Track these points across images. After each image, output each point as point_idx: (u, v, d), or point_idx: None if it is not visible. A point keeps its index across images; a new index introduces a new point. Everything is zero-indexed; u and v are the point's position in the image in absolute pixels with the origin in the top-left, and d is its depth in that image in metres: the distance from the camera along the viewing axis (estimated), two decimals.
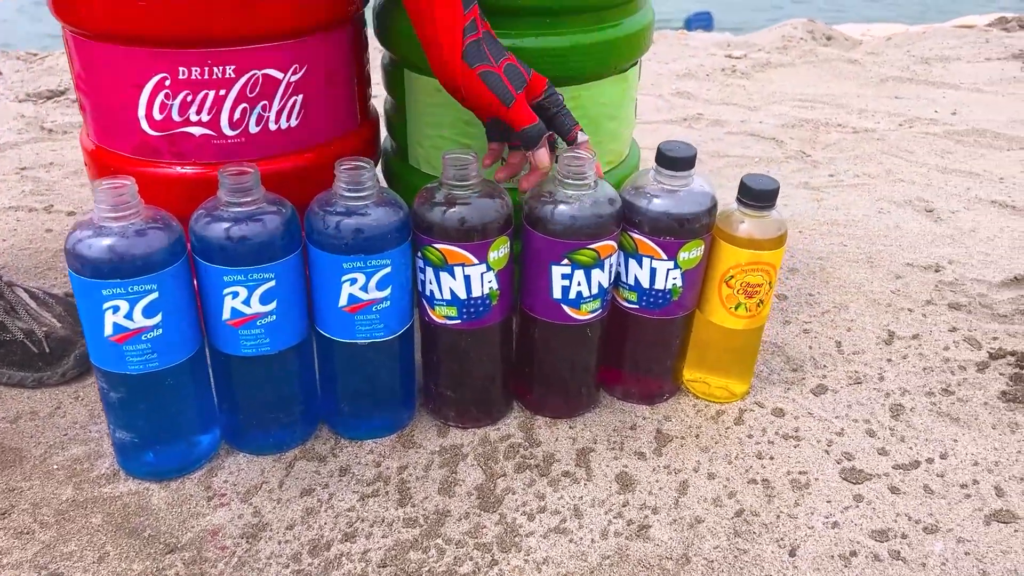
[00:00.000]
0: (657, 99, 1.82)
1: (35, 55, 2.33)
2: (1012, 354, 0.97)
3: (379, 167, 1.03)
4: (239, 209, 0.70)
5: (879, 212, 1.32)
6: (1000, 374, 0.94)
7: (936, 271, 1.15)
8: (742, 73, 1.97)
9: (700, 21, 7.61)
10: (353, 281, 0.73)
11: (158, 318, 0.69)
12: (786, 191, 1.37)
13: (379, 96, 0.99)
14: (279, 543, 0.71)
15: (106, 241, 0.67)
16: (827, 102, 1.80)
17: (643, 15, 0.92)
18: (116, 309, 0.67)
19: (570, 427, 0.85)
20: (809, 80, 1.95)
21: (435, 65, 0.76)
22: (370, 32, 0.94)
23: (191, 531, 0.72)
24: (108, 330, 0.68)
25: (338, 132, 0.90)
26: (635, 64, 0.95)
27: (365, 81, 0.94)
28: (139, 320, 0.68)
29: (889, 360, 0.97)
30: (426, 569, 0.69)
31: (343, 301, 0.74)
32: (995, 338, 1.00)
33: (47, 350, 0.88)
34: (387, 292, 0.75)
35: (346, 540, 0.71)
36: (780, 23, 2.70)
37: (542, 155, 0.76)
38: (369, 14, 0.95)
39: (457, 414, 0.84)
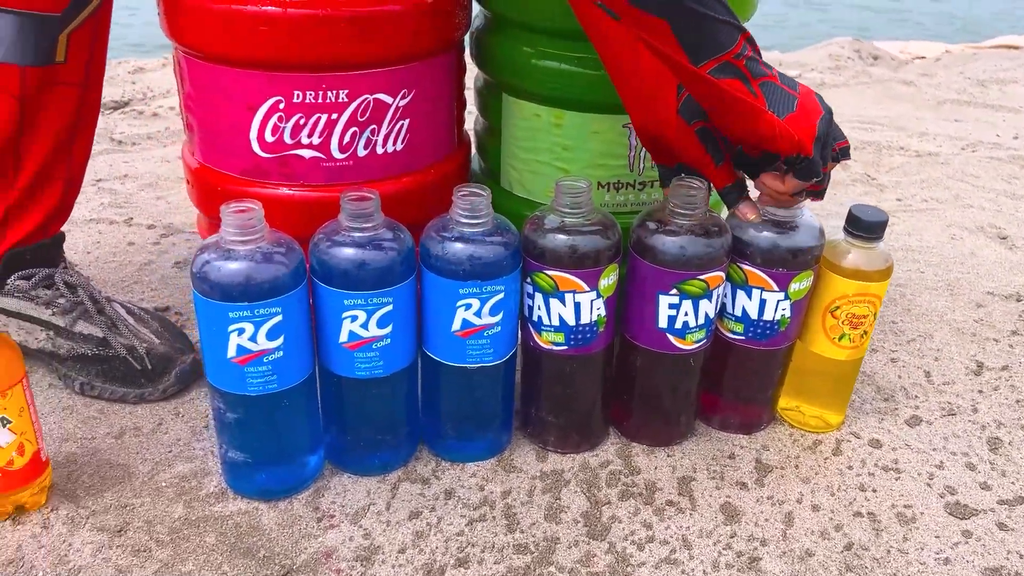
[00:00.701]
0: None
1: None
2: None
3: None
4: (360, 234, 0.71)
5: (952, 239, 1.31)
6: None
7: (1018, 300, 1.14)
8: None
9: None
10: (468, 307, 0.74)
11: (280, 340, 0.69)
12: None
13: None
14: (392, 567, 0.71)
15: (234, 265, 0.67)
16: (886, 124, 1.79)
17: None
18: (241, 331, 0.68)
19: (668, 455, 0.85)
20: (865, 102, 1.94)
21: (639, 115, 0.76)
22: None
23: (305, 552, 0.72)
24: (231, 352, 0.69)
25: (438, 156, 0.91)
26: None
27: (463, 105, 0.95)
28: (262, 343, 0.69)
29: (981, 391, 0.96)
30: None
31: (456, 326, 0.74)
32: None
33: (149, 367, 0.88)
34: (499, 318, 0.75)
35: (459, 565, 0.71)
36: (825, 42, 2.69)
37: (742, 209, 0.77)
38: (466, 38, 0.95)
39: (557, 439, 0.84)
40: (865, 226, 0.78)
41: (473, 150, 1.04)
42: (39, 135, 0.80)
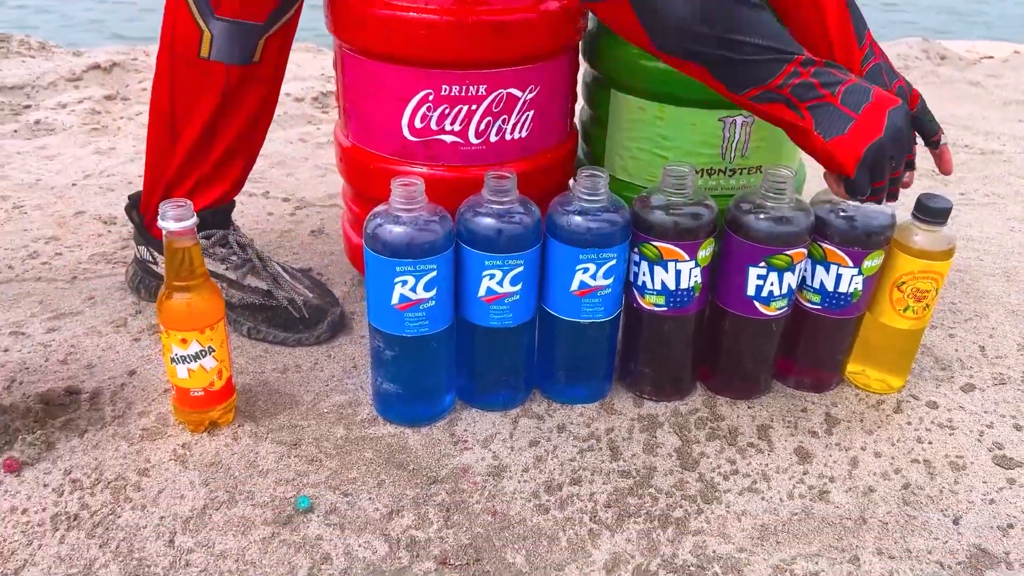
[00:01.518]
0: None
1: None
2: None
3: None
4: (499, 207, 0.84)
5: (1011, 230, 1.39)
6: None
7: None
8: None
9: None
10: (586, 270, 0.86)
11: (433, 292, 0.83)
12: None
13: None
14: (519, 482, 0.84)
15: (400, 228, 0.81)
16: (953, 123, 1.86)
17: None
18: (404, 283, 0.82)
19: (748, 407, 0.97)
20: (933, 101, 2.00)
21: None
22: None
23: (446, 468, 0.86)
24: (395, 300, 0.83)
25: (554, 142, 1.03)
26: None
27: (575, 98, 1.07)
28: (420, 293, 0.83)
29: None
30: (644, 512, 0.81)
31: (574, 286, 0.87)
32: None
33: (305, 315, 1.03)
34: (610, 281, 0.88)
35: (574, 484, 0.84)
36: (894, 40, 2.74)
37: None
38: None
39: (653, 389, 0.96)
40: (931, 211, 0.89)
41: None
42: (232, 122, 0.95)
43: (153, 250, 1.06)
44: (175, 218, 0.79)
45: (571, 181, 0.88)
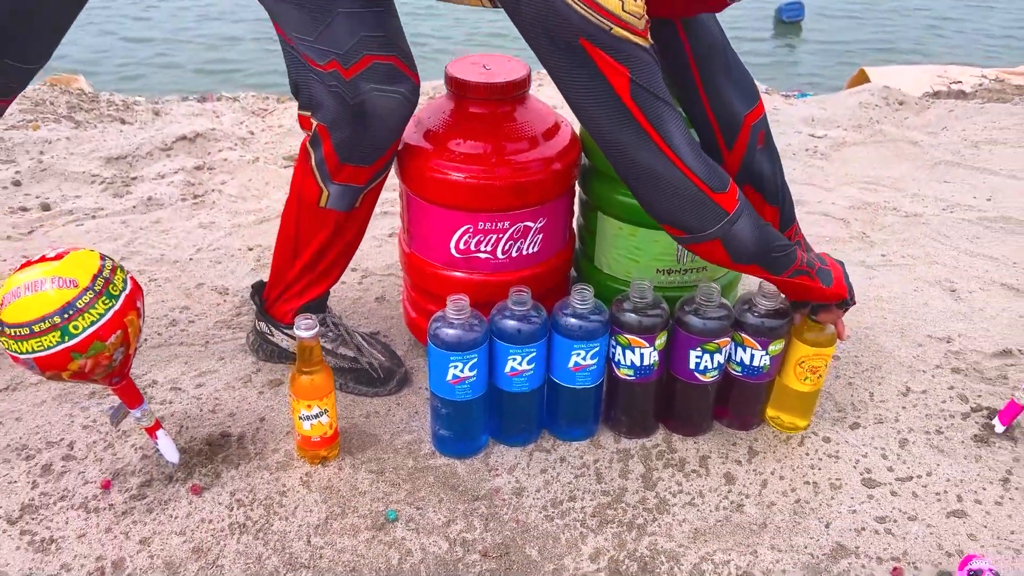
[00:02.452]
0: None
1: (266, 109, 2.91)
2: (988, 408, 1.41)
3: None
4: (520, 312, 1.22)
5: (914, 291, 1.75)
6: (975, 422, 1.39)
7: (947, 342, 1.59)
8: (821, 154, 2.39)
9: (791, 10, 7.77)
10: (579, 354, 1.24)
11: (475, 372, 1.21)
12: (848, 268, 1.82)
13: None
14: (533, 499, 1.23)
15: (453, 331, 1.19)
16: (888, 185, 2.21)
17: None
18: (455, 367, 1.20)
19: (694, 442, 1.34)
20: (875, 161, 2.36)
21: None
22: None
23: (484, 488, 1.24)
24: (448, 377, 1.21)
25: (556, 251, 1.41)
26: None
27: (572, 216, 1.45)
28: (466, 373, 1.21)
29: (904, 408, 1.42)
30: (616, 520, 1.19)
31: (571, 364, 1.25)
32: (979, 396, 1.44)
33: (381, 375, 1.41)
34: (596, 360, 1.25)
35: (570, 500, 1.23)
36: (857, 89, 3.07)
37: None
38: None
39: (627, 430, 1.34)
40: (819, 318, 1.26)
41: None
42: (336, 246, 1.33)
43: (270, 325, 1.44)
44: (306, 328, 1.17)
45: (571, 291, 1.24)
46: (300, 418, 1.23)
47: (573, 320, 1.22)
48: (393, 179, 1.38)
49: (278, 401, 1.40)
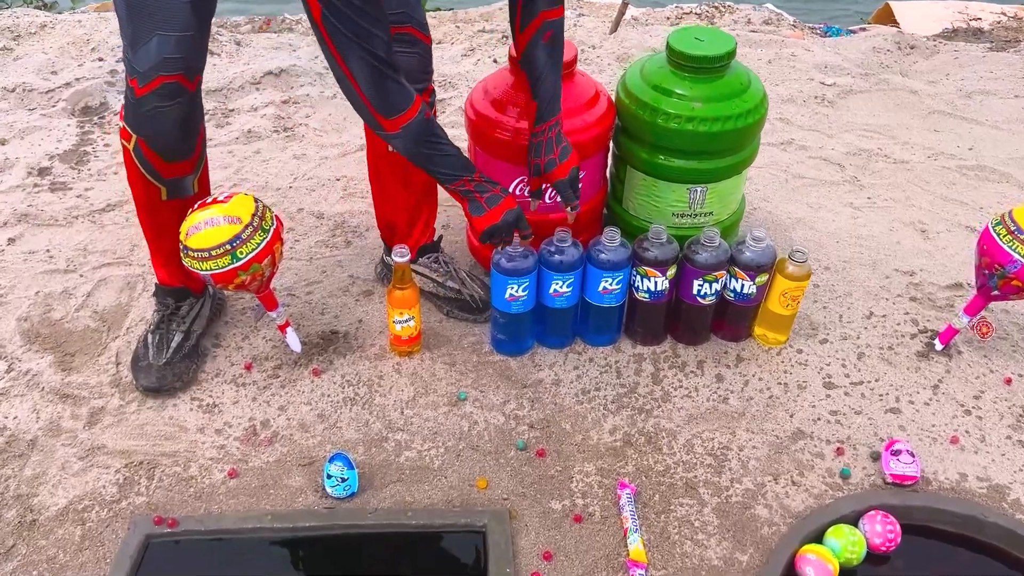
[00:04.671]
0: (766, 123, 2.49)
1: None
2: (932, 331, 1.70)
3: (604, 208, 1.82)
4: (562, 247, 1.52)
5: (890, 230, 2.02)
6: (920, 342, 1.68)
7: (910, 275, 1.86)
8: (828, 102, 2.60)
9: None
10: (608, 280, 1.55)
11: (526, 292, 1.53)
12: (837, 208, 2.09)
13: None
14: (567, 388, 1.56)
15: (511, 263, 1.50)
16: (883, 133, 2.44)
17: (751, 148, 1.66)
18: (512, 288, 1.52)
19: (694, 350, 1.66)
20: (876, 109, 2.57)
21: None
22: None
23: (531, 378, 1.58)
24: (506, 295, 1.53)
25: (593, 194, 1.70)
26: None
27: (607, 166, 1.73)
28: (519, 293, 1.52)
29: (865, 328, 1.72)
30: (631, 406, 1.53)
31: (600, 288, 1.56)
32: (928, 321, 1.74)
33: (479, 305, 1.70)
34: (620, 286, 1.56)
35: (595, 390, 1.56)
36: (874, 34, 3.22)
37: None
38: None
39: (642, 339, 1.66)
40: (798, 257, 1.55)
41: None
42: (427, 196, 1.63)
43: (388, 260, 1.75)
44: (400, 255, 1.49)
45: (603, 230, 1.54)
46: (394, 322, 1.56)
47: (603, 255, 1.53)
48: (463, 134, 1.67)
49: (371, 307, 1.74)
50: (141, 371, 1.52)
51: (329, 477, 1.33)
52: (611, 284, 1.55)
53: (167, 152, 1.37)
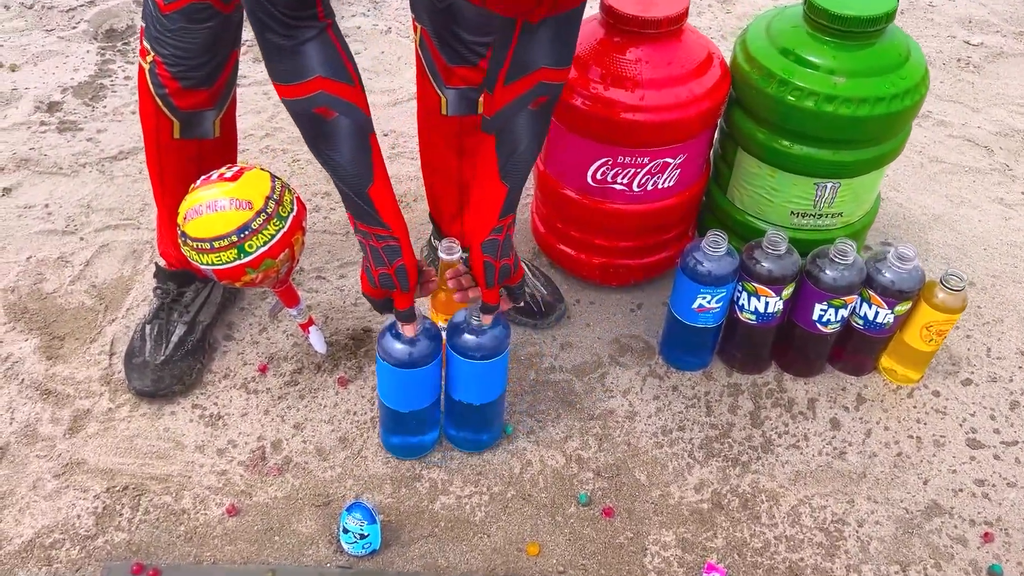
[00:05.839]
0: None
1: None
2: None
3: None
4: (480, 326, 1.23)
5: None
6: None
7: None
8: (974, 66, 2.20)
9: None
10: (704, 297, 1.25)
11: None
12: (983, 205, 1.73)
13: None
14: (644, 423, 1.29)
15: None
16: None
17: (901, 137, 1.32)
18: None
19: (804, 383, 1.36)
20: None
21: None
22: None
23: (599, 407, 1.31)
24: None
25: (689, 184, 1.38)
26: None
27: (711, 147, 1.41)
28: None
29: (1020, 368, 1.40)
30: (722, 455, 1.25)
31: (695, 304, 1.27)
32: None
33: (542, 309, 1.43)
34: (721, 305, 1.26)
35: (680, 430, 1.28)
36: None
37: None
38: None
39: (740, 366, 1.37)
40: (952, 284, 1.22)
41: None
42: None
43: (436, 241, 1.47)
44: (447, 251, 1.21)
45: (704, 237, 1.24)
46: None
47: (704, 266, 1.22)
48: None
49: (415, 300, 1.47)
50: (135, 370, 1.29)
51: (346, 532, 1.09)
52: (710, 302, 1.25)
53: (185, 76, 1.15)
